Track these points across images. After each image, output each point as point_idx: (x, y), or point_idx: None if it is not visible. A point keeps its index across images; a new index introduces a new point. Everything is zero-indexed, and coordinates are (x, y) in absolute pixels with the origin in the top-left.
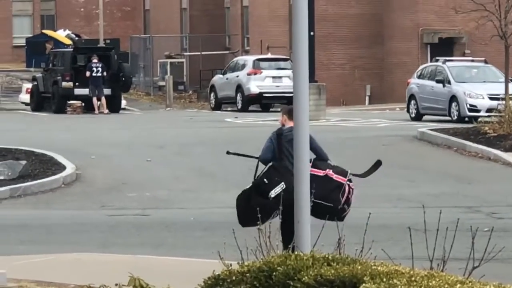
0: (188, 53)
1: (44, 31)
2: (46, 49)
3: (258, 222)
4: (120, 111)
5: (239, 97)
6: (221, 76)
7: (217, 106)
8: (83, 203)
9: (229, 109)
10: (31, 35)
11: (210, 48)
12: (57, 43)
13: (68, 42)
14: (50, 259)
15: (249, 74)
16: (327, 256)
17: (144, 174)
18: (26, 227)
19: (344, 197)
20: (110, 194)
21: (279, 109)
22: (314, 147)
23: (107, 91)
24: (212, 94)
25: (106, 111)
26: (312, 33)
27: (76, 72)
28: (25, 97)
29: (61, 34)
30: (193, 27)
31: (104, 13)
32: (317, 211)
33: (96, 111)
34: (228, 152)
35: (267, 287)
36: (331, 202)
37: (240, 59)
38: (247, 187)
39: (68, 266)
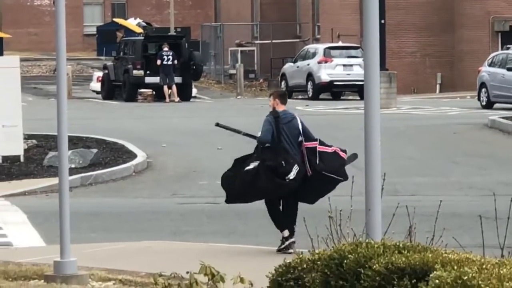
0: (258, 41)
1: (115, 19)
2: (117, 37)
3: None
4: (191, 99)
5: (309, 85)
6: (291, 64)
7: (288, 94)
8: (154, 191)
9: (299, 97)
10: (102, 24)
11: (280, 36)
12: (128, 31)
13: (139, 30)
14: (121, 247)
15: (319, 62)
16: (398, 244)
17: (214, 162)
18: (97, 215)
19: None
20: (181, 182)
21: (350, 97)
22: (305, 130)
23: (178, 79)
24: (283, 82)
25: (177, 99)
26: (383, 21)
27: (147, 60)
28: (96, 85)
29: (131, 23)
30: (263, 15)
31: (175, 2)
32: (323, 187)
33: (167, 99)
34: (217, 124)
35: (338, 275)
36: (341, 176)
37: (311, 47)
38: (250, 167)
39: (139, 254)
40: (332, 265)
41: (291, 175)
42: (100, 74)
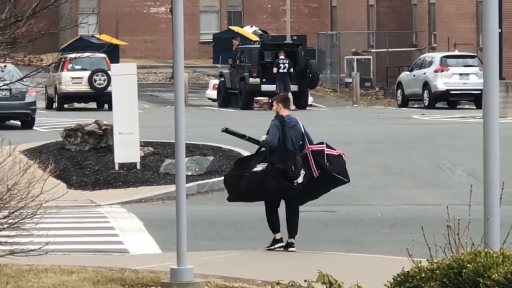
0: (375, 50)
1: (231, 27)
2: (233, 45)
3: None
4: (307, 108)
5: (426, 94)
6: (408, 73)
7: (404, 103)
8: None
9: (415, 106)
10: (218, 32)
11: (396, 44)
12: (244, 39)
13: (255, 38)
14: (237, 255)
15: (436, 71)
16: None
17: None
18: (213, 223)
19: None
20: None
21: (466, 106)
22: (306, 134)
23: (294, 87)
24: (399, 91)
25: (293, 107)
26: (499, 30)
27: (263, 68)
28: (212, 93)
29: (248, 30)
30: (380, 24)
31: (291, 10)
32: (329, 187)
33: None
34: (225, 130)
35: (457, 284)
36: (346, 177)
37: (427, 56)
38: (259, 169)
39: (255, 262)
40: (451, 274)
41: (300, 179)
42: (216, 81)
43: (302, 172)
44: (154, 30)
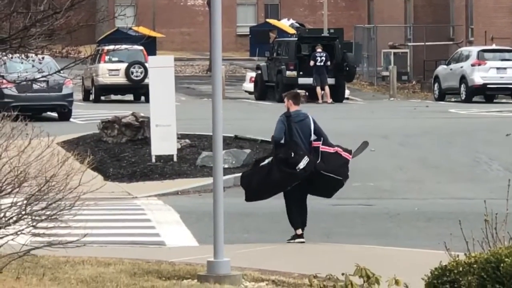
0: (412, 44)
1: (268, 20)
2: (270, 38)
3: (267, 196)
4: (344, 101)
5: (463, 88)
6: (445, 66)
7: (441, 97)
8: None
9: (452, 99)
10: (255, 24)
11: (433, 38)
12: (281, 32)
13: (292, 31)
14: (274, 248)
15: (473, 65)
16: None
17: (368, 164)
18: (250, 216)
19: None
20: None
21: (503, 100)
22: (317, 129)
23: (331, 80)
24: (436, 85)
25: (330, 100)
26: None
27: (300, 61)
28: (249, 86)
29: (285, 23)
30: (417, 17)
31: (328, 3)
32: (327, 185)
33: (320, 101)
34: (235, 137)
35: (495, 278)
36: (341, 175)
37: (464, 50)
38: (265, 162)
39: (292, 255)
40: (489, 268)
41: (301, 165)
42: (253, 74)
43: (305, 159)
44: (191, 23)
